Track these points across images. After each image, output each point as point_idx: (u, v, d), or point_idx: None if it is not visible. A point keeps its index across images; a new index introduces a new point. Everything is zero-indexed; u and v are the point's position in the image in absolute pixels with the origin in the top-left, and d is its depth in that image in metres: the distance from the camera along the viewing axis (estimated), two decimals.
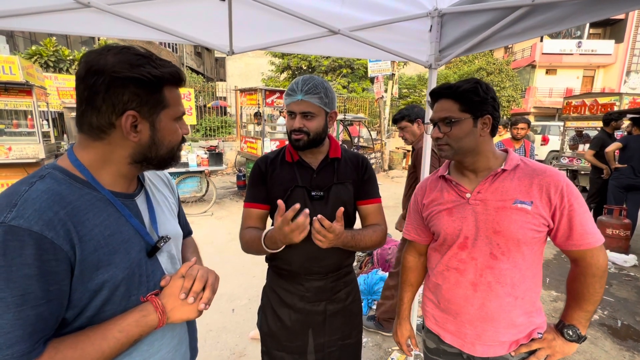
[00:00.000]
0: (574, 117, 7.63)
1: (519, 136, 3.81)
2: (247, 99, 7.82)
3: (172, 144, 0.74)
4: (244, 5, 1.45)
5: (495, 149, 1.07)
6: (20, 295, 0.54)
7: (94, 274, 0.62)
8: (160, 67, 0.67)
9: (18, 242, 0.54)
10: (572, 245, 0.95)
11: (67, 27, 1.34)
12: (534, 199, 0.95)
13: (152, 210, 0.79)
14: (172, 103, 0.71)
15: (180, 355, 0.82)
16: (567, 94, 17.97)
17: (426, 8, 1.67)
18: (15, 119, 7.48)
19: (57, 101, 8.18)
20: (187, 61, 22.30)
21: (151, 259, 0.74)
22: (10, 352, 0.53)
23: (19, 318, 0.54)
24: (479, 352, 1.05)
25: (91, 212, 0.64)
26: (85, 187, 0.66)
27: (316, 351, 1.28)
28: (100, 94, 0.63)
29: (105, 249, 0.64)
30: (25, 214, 0.56)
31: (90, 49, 0.68)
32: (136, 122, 0.66)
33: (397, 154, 11.69)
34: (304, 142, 1.17)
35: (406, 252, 1.31)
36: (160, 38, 1.48)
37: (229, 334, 2.59)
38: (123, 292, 0.67)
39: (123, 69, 0.62)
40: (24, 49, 10.62)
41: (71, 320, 0.63)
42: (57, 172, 0.65)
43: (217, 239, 4.68)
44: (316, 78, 1.17)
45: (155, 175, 0.90)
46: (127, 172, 0.72)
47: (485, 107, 0.97)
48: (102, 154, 0.68)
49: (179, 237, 0.90)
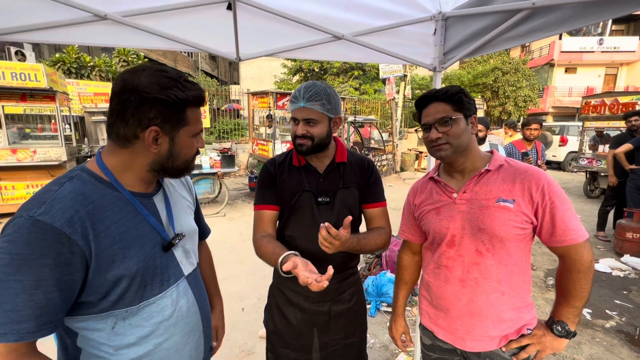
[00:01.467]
0: (594, 117, 7.39)
1: (532, 137, 3.70)
2: (259, 102, 7.96)
3: (187, 157, 0.82)
4: (249, 13, 1.50)
5: (480, 149, 1.12)
6: (35, 280, 0.61)
7: (110, 267, 0.70)
8: (186, 90, 0.74)
9: (41, 234, 0.61)
10: (555, 242, 0.97)
11: (87, 39, 1.43)
12: (517, 197, 0.99)
13: (169, 209, 0.87)
14: (192, 121, 0.79)
15: (193, 341, 0.89)
16: (587, 93, 17.38)
17: (430, 12, 1.68)
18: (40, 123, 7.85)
19: (79, 106, 8.54)
20: (202, 65, 22.80)
21: (167, 253, 0.82)
22: (18, 327, 0.60)
23: (31, 300, 0.61)
24: (469, 347, 1.08)
25: (110, 210, 0.72)
26: (108, 187, 0.74)
27: (320, 349, 1.31)
28: (130, 109, 0.71)
29: (120, 244, 0.72)
30: (52, 211, 0.64)
31: (128, 68, 0.76)
32: (158, 136, 0.74)
33: (409, 156, 11.60)
34: (307, 148, 1.20)
35: (401, 251, 1.35)
36: (171, 47, 1.55)
37: (238, 332, 2.65)
38: (139, 282, 0.75)
39: (153, 90, 0.70)
40: (48, 57, 11.12)
41: (96, 302, 0.71)
42: (85, 173, 0.73)
43: (229, 239, 4.77)
44: (318, 84, 1.18)
45: None
46: (145, 177, 0.80)
47: (472, 107, 1.05)
48: (125, 160, 0.77)
49: (194, 233, 0.96)
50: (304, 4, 1.56)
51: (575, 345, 2.55)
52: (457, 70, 19.62)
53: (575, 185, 9.26)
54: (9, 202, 5.41)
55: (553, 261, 4.14)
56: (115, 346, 0.75)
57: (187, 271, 0.89)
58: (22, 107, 5.55)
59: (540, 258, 4.23)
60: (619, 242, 4.33)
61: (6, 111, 5.42)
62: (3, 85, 5.08)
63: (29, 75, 5.18)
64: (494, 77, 17.32)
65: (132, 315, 0.76)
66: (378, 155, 9.67)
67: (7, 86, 5.11)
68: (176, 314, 0.83)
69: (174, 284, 0.83)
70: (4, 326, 0.60)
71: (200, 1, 1.45)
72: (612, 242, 4.59)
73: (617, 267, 3.95)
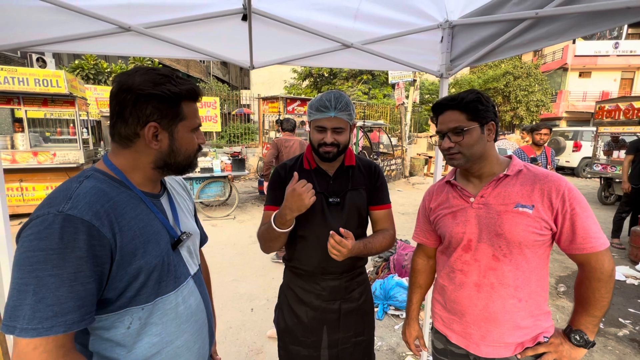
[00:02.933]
0: (609, 122, 7.25)
1: (541, 142, 3.67)
2: (269, 106, 8.08)
3: (189, 152, 0.84)
4: (263, 24, 1.58)
5: (499, 154, 1.10)
6: (73, 272, 0.62)
7: (132, 260, 0.72)
8: (179, 85, 0.77)
9: (73, 228, 0.63)
10: (575, 249, 0.95)
11: (111, 49, 1.53)
12: (536, 203, 0.97)
13: (175, 210, 0.90)
14: (189, 116, 0.81)
15: (202, 338, 0.91)
16: (603, 98, 17.01)
17: (437, 20, 1.73)
18: (59, 127, 8.15)
19: (96, 110, 8.83)
20: (214, 71, 23.24)
21: (175, 252, 0.84)
22: (64, 319, 0.62)
23: (72, 292, 0.62)
24: (484, 353, 1.07)
25: (128, 207, 0.74)
26: (121, 186, 0.77)
27: (330, 347, 1.35)
28: (128, 108, 0.74)
29: (140, 239, 0.74)
30: (79, 205, 0.66)
31: (122, 71, 0.81)
32: (157, 132, 0.77)
33: (419, 161, 11.54)
34: (334, 155, 1.24)
35: (415, 255, 1.35)
36: (190, 56, 1.64)
37: (247, 331, 2.71)
38: (156, 278, 0.77)
39: (147, 87, 0.73)
40: (68, 63, 11.54)
41: (114, 299, 0.72)
42: (98, 173, 0.76)
43: (239, 241, 4.86)
44: (344, 95, 1.25)
45: (174, 180, 1.01)
46: (151, 175, 0.83)
47: (489, 115, 1.02)
48: (131, 160, 0.79)
49: (197, 235, 0.98)
50: (315, 14, 1.63)
51: (587, 353, 2.52)
52: (467, 75, 19.49)
53: (589, 191, 9.07)
54: (30, 203, 5.63)
55: (565, 268, 4.08)
56: (129, 346, 0.75)
57: (192, 270, 0.91)
58: (43, 112, 5.80)
59: (551, 265, 4.17)
60: (634, 250, 4.24)
61: (29, 115, 5.67)
62: (27, 90, 5.31)
63: (51, 82, 5.41)
64: (505, 82, 17.14)
65: (147, 313, 0.77)
66: (387, 160, 9.66)
67: (30, 92, 5.35)
68: (187, 312, 0.84)
69: (184, 281, 0.85)
70: (49, 320, 0.60)
71: (217, 13, 1.53)
72: (627, 249, 4.50)
73: (632, 275, 3.87)
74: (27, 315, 0.60)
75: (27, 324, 0.60)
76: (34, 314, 0.60)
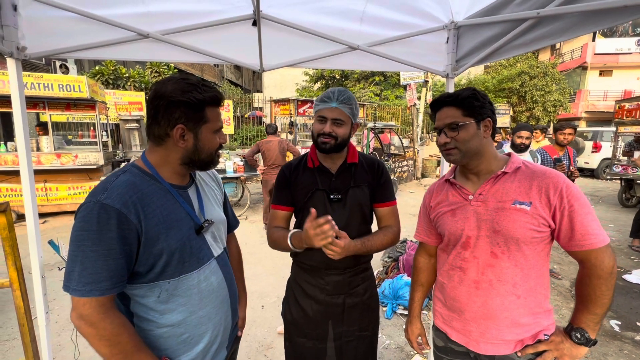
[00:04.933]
0: (631, 122, 7.00)
1: (565, 142, 3.50)
2: (281, 109, 8.20)
3: (211, 150, 0.96)
4: (272, 28, 1.66)
5: (496, 151, 1.12)
6: (107, 249, 0.78)
7: (156, 242, 0.85)
8: (204, 92, 0.90)
9: (106, 214, 0.78)
10: (574, 246, 0.95)
11: (131, 55, 1.64)
12: (534, 199, 0.98)
13: (201, 200, 1.02)
14: (212, 119, 0.93)
15: (223, 312, 1.03)
16: (625, 97, 16.43)
17: (442, 22, 1.77)
18: (80, 131, 8.50)
19: (115, 114, 9.16)
20: (227, 74, 23.67)
21: (199, 236, 0.96)
22: (99, 286, 0.78)
23: (106, 264, 0.78)
24: (483, 350, 1.07)
25: (155, 197, 0.87)
26: (151, 179, 0.90)
27: (335, 339, 1.38)
28: (161, 112, 0.87)
29: (163, 225, 0.86)
30: (112, 196, 0.80)
31: (158, 80, 0.94)
32: (184, 133, 0.89)
33: (431, 162, 11.43)
34: (330, 146, 1.27)
35: (417, 253, 1.36)
36: (204, 60, 1.74)
37: (258, 328, 2.78)
38: (178, 258, 0.89)
39: (176, 94, 0.86)
40: (88, 69, 12.03)
41: (145, 273, 0.86)
42: (134, 168, 0.90)
43: (250, 240, 4.95)
44: (349, 92, 1.29)
45: (205, 172, 1.13)
46: (179, 170, 0.96)
47: (485, 111, 1.04)
48: (162, 156, 0.93)
49: (222, 222, 1.10)
50: (322, 18, 1.69)
51: (601, 356, 2.47)
52: (481, 75, 19.18)
53: (609, 193, 8.78)
54: (53, 202, 5.91)
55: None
56: (160, 311, 0.90)
57: (216, 253, 1.03)
58: (66, 116, 6.08)
59: (567, 267, 4.08)
60: None
61: (53, 119, 5.96)
62: (51, 95, 5.59)
63: (73, 87, 5.68)
64: (521, 82, 16.76)
65: (173, 287, 0.90)
66: (398, 162, 9.62)
67: (54, 96, 5.63)
68: (208, 288, 0.97)
69: (206, 262, 0.98)
70: (89, 284, 0.77)
71: (229, 19, 1.62)
72: None
73: None
74: (75, 279, 0.78)
75: (75, 286, 0.77)
76: (80, 279, 0.77)
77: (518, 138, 3.34)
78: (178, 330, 0.92)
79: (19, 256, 1.52)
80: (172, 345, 0.92)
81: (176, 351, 0.93)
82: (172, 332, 0.92)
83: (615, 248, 4.86)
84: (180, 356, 0.94)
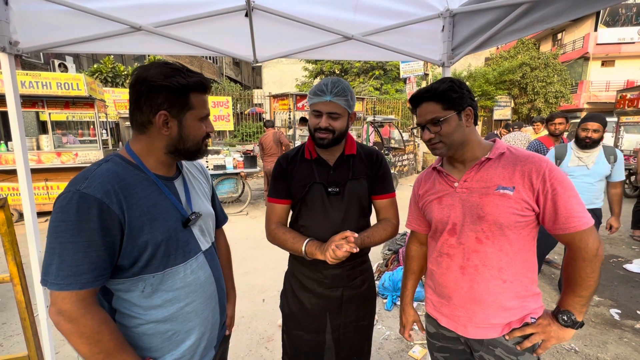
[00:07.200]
0: (633, 112, 6.95)
1: (557, 132, 3.51)
2: (280, 104, 8.18)
3: (197, 139, 0.92)
4: (265, 19, 1.64)
5: (481, 138, 1.12)
6: (87, 241, 0.73)
7: (140, 234, 0.81)
8: (188, 77, 0.85)
9: (86, 204, 0.74)
10: (558, 229, 0.95)
11: (124, 48, 1.63)
12: (517, 184, 0.98)
13: (188, 192, 0.98)
14: (197, 106, 0.89)
15: (210, 308, 0.99)
16: (628, 87, 16.26)
17: (437, 9, 1.75)
18: (80, 129, 8.51)
19: (114, 112, 9.16)
20: (226, 71, 23.59)
21: (186, 229, 0.92)
22: (80, 279, 0.74)
23: (86, 257, 0.74)
24: (471, 334, 1.09)
25: (139, 188, 0.83)
26: (135, 169, 0.86)
27: (332, 331, 1.38)
28: (143, 97, 0.83)
29: (147, 216, 0.83)
30: (93, 185, 0.76)
31: (141, 65, 0.90)
32: (167, 119, 0.85)
33: (431, 155, 11.39)
34: (328, 141, 1.24)
35: (409, 242, 1.37)
36: (197, 53, 1.72)
37: (259, 320, 2.80)
38: (164, 251, 0.85)
39: (159, 79, 0.82)
40: (87, 67, 12.01)
41: (128, 266, 0.82)
42: (117, 157, 0.86)
43: (251, 236, 4.97)
44: (343, 81, 1.24)
45: (192, 164, 1.09)
46: (165, 160, 0.91)
47: (464, 101, 1.03)
48: (146, 145, 0.88)
49: (210, 216, 1.06)
50: (315, 7, 1.67)
51: (600, 344, 2.47)
52: (482, 67, 19.02)
53: None
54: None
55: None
56: (144, 307, 0.86)
57: (204, 247, 0.99)
58: (65, 114, 6.08)
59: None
60: None
61: (52, 118, 5.96)
62: (50, 94, 5.59)
63: (72, 85, 5.68)
64: (522, 73, 16.61)
65: (158, 281, 0.86)
66: (398, 155, 9.59)
67: (53, 95, 5.63)
68: (195, 282, 0.93)
69: (193, 256, 0.93)
70: (68, 277, 0.73)
71: (222, 10, 1.60)
72: None
73: None
74: (54, 272, 0.73)
75: (54, 280, 0.73)
76: (58, 272, 0.73)
77: (583, 131, 2.61)
78: (163, 327, 0.88)
79: (19, 251, 1.53)
80: (156, 343, 0.88)
81: (160, 350, 0.88)
82: (157, 329, 0.87)
83: (616, 238, 4.85)
84: (164, 355, 0.89)
